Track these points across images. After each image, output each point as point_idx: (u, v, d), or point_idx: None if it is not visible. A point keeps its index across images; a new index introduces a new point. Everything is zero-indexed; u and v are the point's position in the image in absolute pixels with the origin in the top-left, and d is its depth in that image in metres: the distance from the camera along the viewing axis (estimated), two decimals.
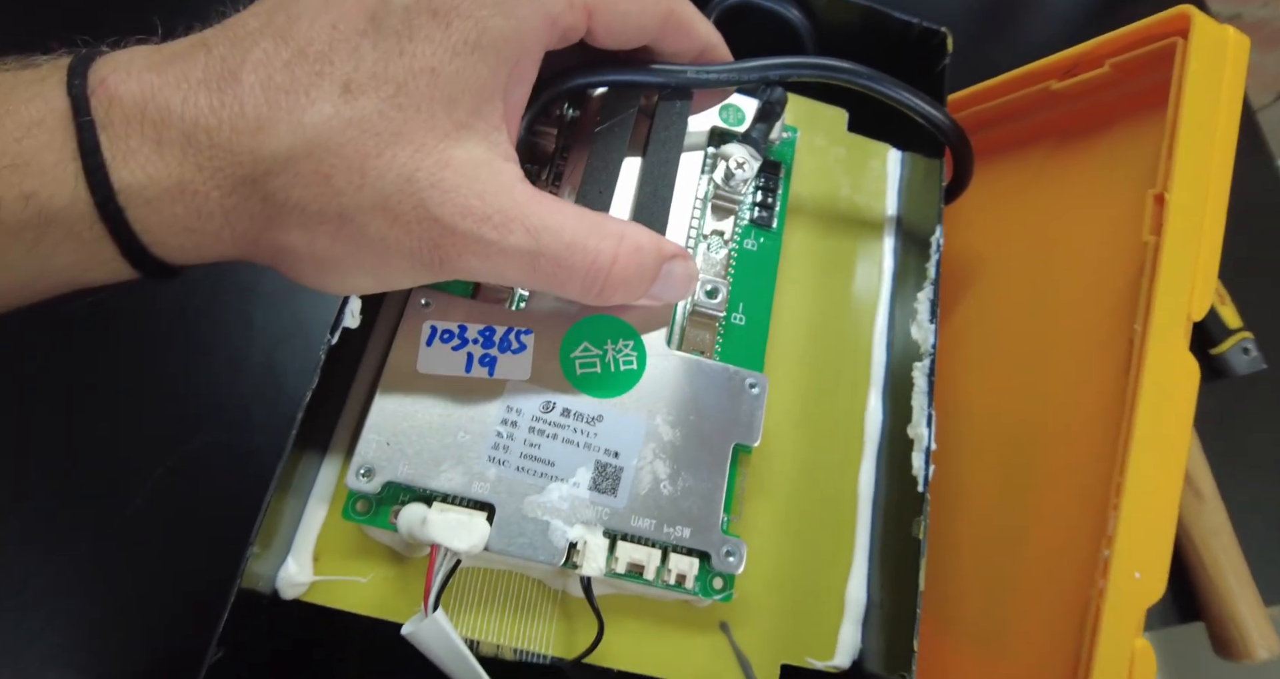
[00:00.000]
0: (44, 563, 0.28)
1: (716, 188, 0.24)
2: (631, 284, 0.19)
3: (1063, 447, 0.24)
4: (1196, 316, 0.21)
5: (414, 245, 0.17)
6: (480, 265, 0.17)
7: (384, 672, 0.24)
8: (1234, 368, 0.41)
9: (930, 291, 0.23)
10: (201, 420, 0.32)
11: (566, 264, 0.18)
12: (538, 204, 0.18)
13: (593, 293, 0.19)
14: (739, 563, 0.20)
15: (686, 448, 0.21)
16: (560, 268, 0.18)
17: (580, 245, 0.18)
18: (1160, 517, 0.20)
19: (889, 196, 0.28)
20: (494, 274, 0.18)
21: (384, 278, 0.18)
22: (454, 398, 0.20)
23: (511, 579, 0.21)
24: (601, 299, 0.19)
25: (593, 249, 0.18)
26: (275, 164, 0.16)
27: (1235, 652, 0.38)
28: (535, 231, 0.17)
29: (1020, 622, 0.24)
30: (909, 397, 0.23)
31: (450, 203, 0.17)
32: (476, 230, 0.17)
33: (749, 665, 0.21)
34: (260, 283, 0.34)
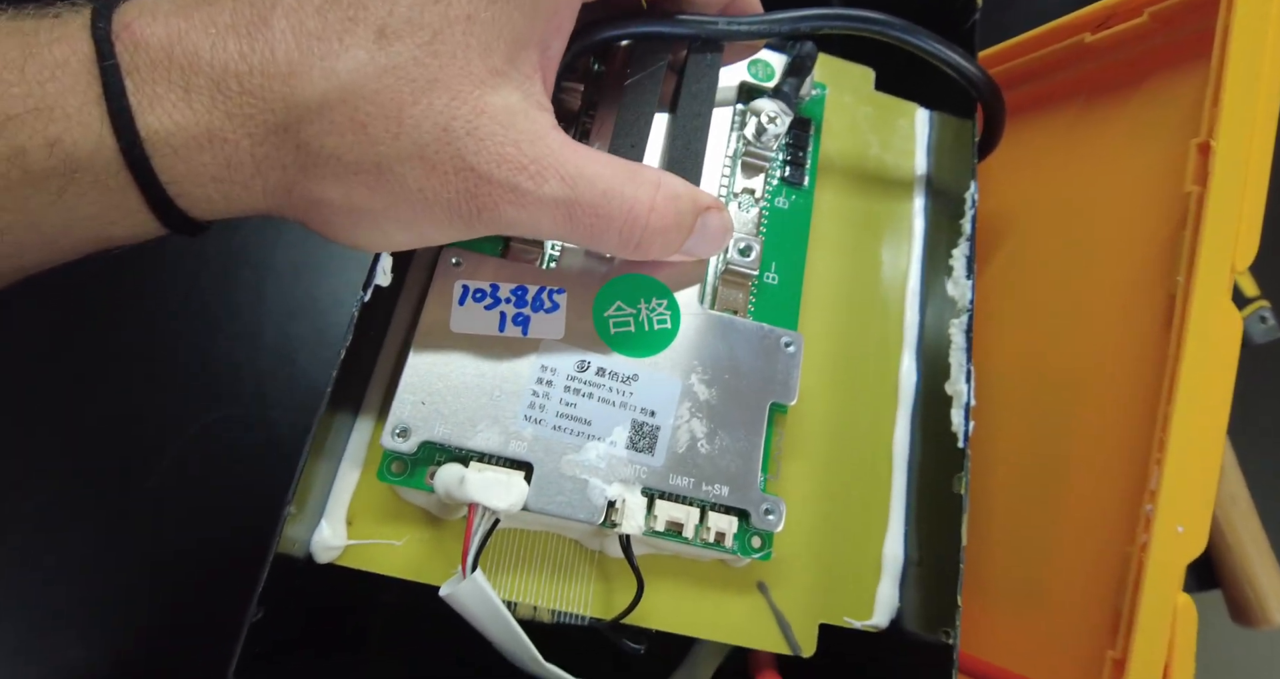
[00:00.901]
0: (64, 539, 0.28)
1: (747, 144, 0.24)
2: (669, 234, 0.18)
3: (1098, 402, 0.23)
4: (1240, 267, 0.20)
5: (451, 196, 0.16)
6: (516, 215, 0.17)
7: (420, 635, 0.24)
8: (1251, 337, 0.40)
9: (966, 248, 0.23)
10: (216, 396, 0.31)
11: (604, 213, 0.17)
12: (573, 152, 0.17)
13: (630, 244, 0.18)
14: (778, 521, 0.20)
15: (723, 407, 0.21)
16: (598, 217, 0.17)
17: (617, 193, 0.17)
18: (1203, 471, 0.20)
19: (918, 156, 0.27)
20: (530, 225, 0.17)
21: (420, 232, 0.18)
22: (488, 357, 0.20)
23: (548, 540, 0.21)
24: (639, 251, 0.18)
25: (629, 197, 0.18)
26: (308, 112, 0.16)
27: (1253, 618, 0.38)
28: (571, 179, 0.17)
29: (1055, 579, 0.24)
30: (944, 355, 0.23)
31: (486, 151, 0.16)
32: (512, 179, 0.16)
33: (787, 625, 0.21)
34: (272, 259, 0.34)
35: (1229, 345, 0.20)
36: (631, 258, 0.19)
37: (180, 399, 0.31)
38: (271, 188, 0.17)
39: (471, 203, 0.17)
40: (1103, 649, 0.21)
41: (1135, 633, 0.20)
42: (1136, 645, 0.20)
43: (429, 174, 0.16)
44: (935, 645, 0.20)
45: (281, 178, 0.16)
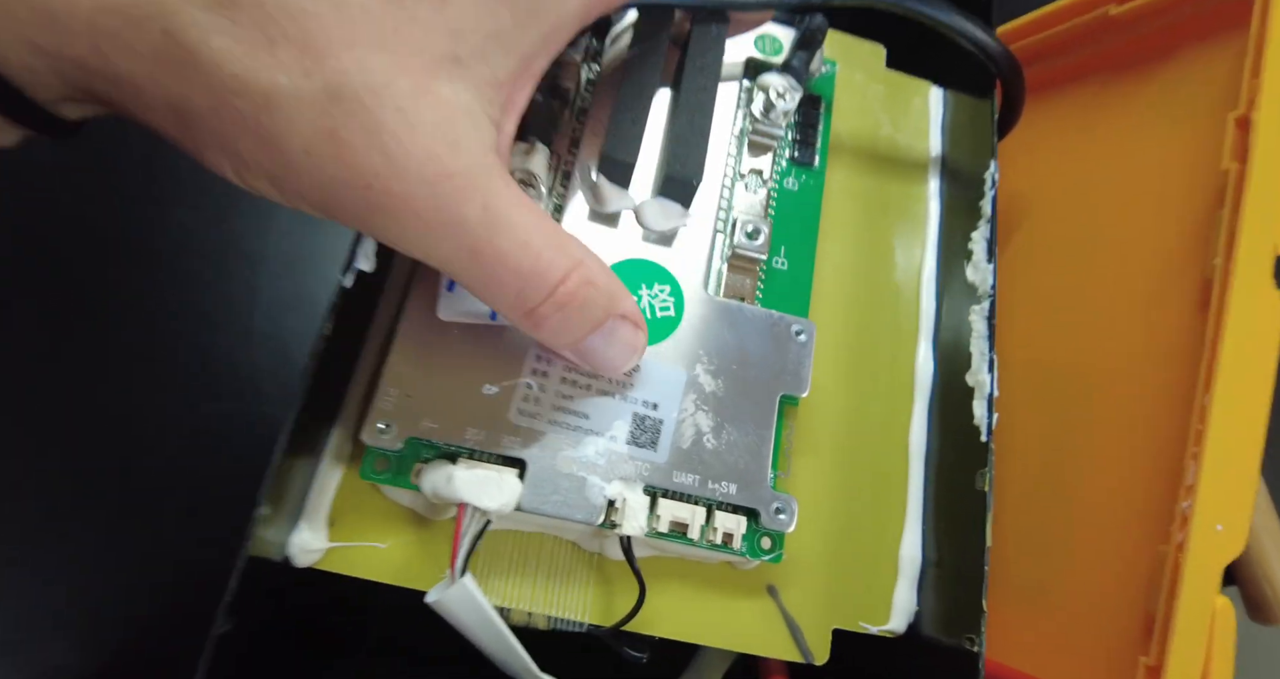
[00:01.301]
0: (59, 540, 0.27)
1: (754, 122, 0.22)
2: (570, 318, 0.16)
3: (1123, 393, 0.22)
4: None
5: (344, 175, 0.13)
6: (413, 228, 0.14)
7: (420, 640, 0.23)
8: None
9: (986, 230, 0.22)
10: (211, 392, 0.31)
11: (512, 263, 0.15)
12: (506, 187, 0.15)
13: (525, 307, 0.15)
14: (790, 520, 0.19)
15: (730, 399, 0.19)
16: (502, 266, 0.15)
17: (535, 250, 0.15)
18: (1243, 466, 0.19)
19: (932, 136, 0.26)
20: (421, 244, 0.14)
21: (281, 190, 0.14)
22: (478, 347, 0.18)
23: (543, 542, 0.19)
24: (531, 321, 0.16)
25: (546, 259, 0.15)
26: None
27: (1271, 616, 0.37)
28: (494, 213, 0.14)
29: (1076, 580, 0.23)
30: (963, 343, 0.21)
31: (414, 139, 0.13)
32: (430, 184, 0.14)
33: (799, 631, 0.20)
34: (266, 253, 0.33)
35: (1271, 330, 0.19)
36: (521, 327, 0.16)
37: (178, 397, 0.30)
38: (114, 78, 0.13)
39: (366, 193, 0.13)
40: (1134, 655, 0.20)
41: (1172, 637, 0.19)
42: (1174, 650, 0.19)
43: (328, 137, 0.13)
44: (957, 652, 0.18)
45: (132, 68, 0.13)
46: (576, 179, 0.21)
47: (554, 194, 0.21)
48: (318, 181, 0.14)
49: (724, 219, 0.22)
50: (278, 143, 0.13)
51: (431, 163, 0.14)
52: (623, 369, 0.18)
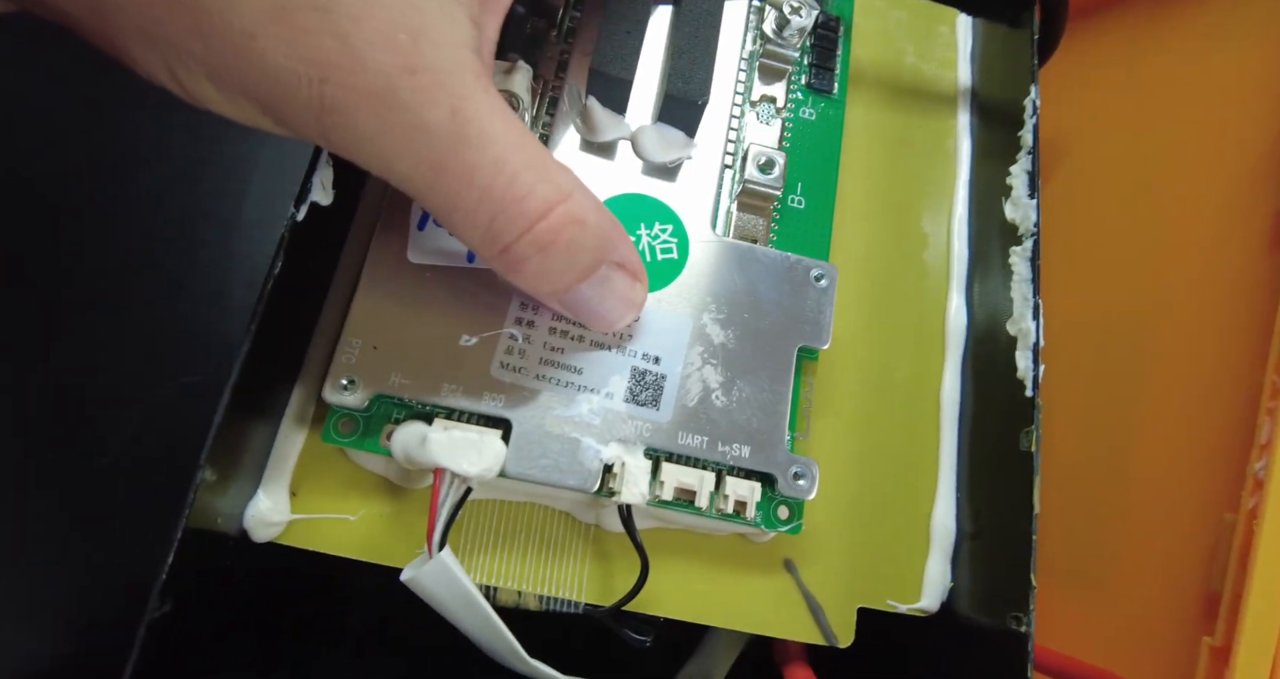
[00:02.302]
0: (14, 518, 0.26)
1: (766, 42, 0.20)
2: (553, 262, 0.14)
3: (1184, 344, 0.20)
4: None
5: (293, 64, 0.11)
6: (367, 131, 0.12)
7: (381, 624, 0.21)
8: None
9: (1027, 162, 0.19)
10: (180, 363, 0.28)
11: (482, 184, 0.12)
12: (482, 92, 0.12)
13: (499, 243, 0.13)
14: (810, 486, 0.16)
15: (742, 351, 0.17)
16: (472, 187, 0.12)
17: (511, 170, 0.13)
18: None
19: (961, 67, 0.24)
20: (378, 154, 0.12)
21: (221, 86, 0.12)
22: (454, 294, 0.16)
23: (533, 512, 0.17)
24: (506, 261, 0.13)
25: (525, 184, 0.13)
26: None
27: None
28: (463, 120, 0.12)
29: (1128, 553, 0.20)
30: (1000, 290, 0.19)
31: (370, 22, 0.11)
32: (389, 77, 0.12)
33: (820, 610, 0.18)
34: (241, 214, 0.31)
35: None
36: (496, 269, 0.14)
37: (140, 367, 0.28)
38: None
39: (316, 87, 0.12)
40: (1196, 635, 0.18)
41: (1243, 616, 0.17)
42: (1245, 630, 0.16)
43: (273, 18, 0.11)
44: (1000, 633, 0.16)
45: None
46: (564, 104, 0.18)
47: (540, 123, 0.18)
48: (263, 72, 0.12)
49: (733, 151, 0.19)
50: (216, 23, 0.11)
51: (392, 53, 0.12)
52: (617, 326, 0.16)
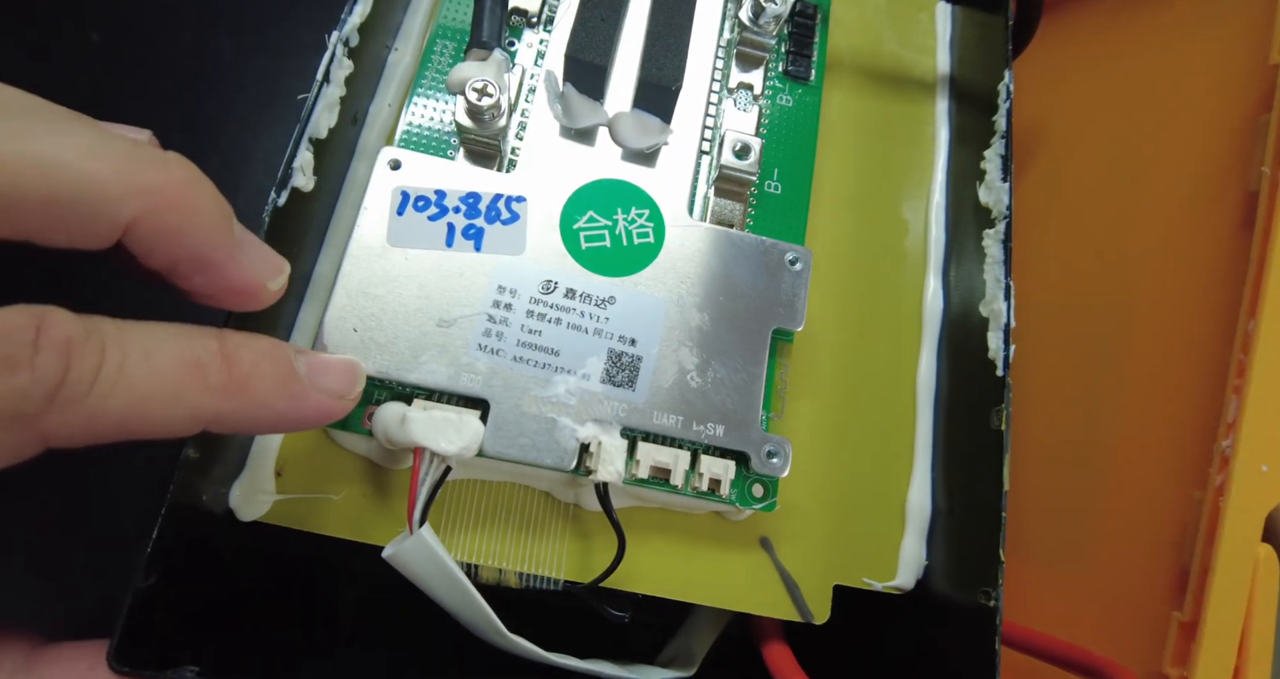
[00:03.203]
0: (7, 513, 0.26)
1: (743, 30, 0.20)
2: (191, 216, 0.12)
3: (1156, 323, 0.20)
4: None
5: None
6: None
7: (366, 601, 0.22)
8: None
9: (1001, 146, 0.20)
10: None
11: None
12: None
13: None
14: (784, 464, 0.17)
15: (717, 333, 0.17)
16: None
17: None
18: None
19: (940, 54, 0.24)
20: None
21: None
22: (434, 277, 0.17)
23: (513, 492, 0.18)
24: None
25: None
26: None
27: None
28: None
29: (1103, 531, 0.21)
30: (975, 273, 0.19)
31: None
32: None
33: (796, 587, 0.18)
34: (236, 205, 0.31)
35: None
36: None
37: None
38: None
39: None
40: (1166, 611, 0.18)
41: (1209, 591, 0.17)
42: (1211, 604, 0.17)
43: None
44: (971, 608, 0.17)
45: None
46: (542, 92, 0.19)
47: (519, 111, 0.19)
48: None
49: (710, 138, 0.20)
50: None
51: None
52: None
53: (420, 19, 0.21)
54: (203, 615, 0.16)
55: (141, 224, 0.12)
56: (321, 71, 0.17)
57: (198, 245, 0.12)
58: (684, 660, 0.20)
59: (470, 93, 0.17)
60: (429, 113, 0.19)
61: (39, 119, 0.11)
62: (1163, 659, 0.18)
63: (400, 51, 0.20)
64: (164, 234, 0.12)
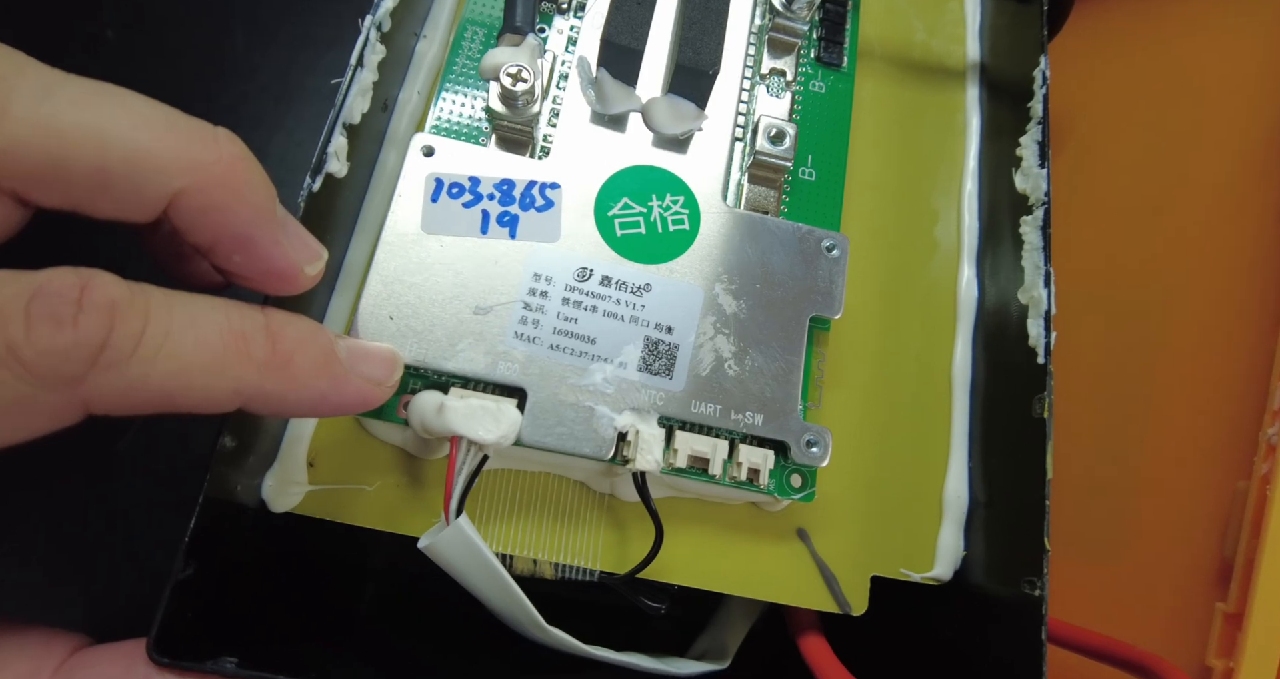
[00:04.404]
0: (34, 505, 0.26)
1: (774, 16, 0.20)
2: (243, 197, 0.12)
3: (1195, 313, 0.20)
4: None
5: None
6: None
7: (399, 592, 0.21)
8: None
9: (1038, 132, 0.19)
10: None
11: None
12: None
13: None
14: (823, 454, 0.17)
15: (754, 321, 0.17)
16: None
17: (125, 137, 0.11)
18: None
19: (969, 41, 0.24)
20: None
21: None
22: (469, 264, 0.16)
23: (548, 482, 0.17)
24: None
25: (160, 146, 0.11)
26: None
27: None
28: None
29: (1143, 522, 0.20)
30: (1010, 260, 0.19)
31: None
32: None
33: (834, 578, 0.18)
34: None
35: None
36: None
37: None
38: None
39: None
40: (1209, 602, 0.18)
41: (1256, 580, 0.17)
42: (1258, 594, 0.17)
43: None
44: (1012, 600, 0.16)
45: None
46: (575, 78, 0.18)
47: (550, 97, 0.18)
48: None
49: (744, 124, 0.19)
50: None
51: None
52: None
53: (448, 7, 0.21)
54: (236, 606, 0.16)
55: (188, 198, 0.12)
56: (356, 55, 0.17)
57: (241, 224, 0.12)
58: (717, 653, 0.20)
59: (505, 78, 0.17)
60: (459, 101, 0.18)
61: (94, 91, 0.11)
62: (1206, 651, 0.17)
63: (429, 39, 0.20)
64: (209, 210, 0.12)
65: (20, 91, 0.11)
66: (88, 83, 0.11)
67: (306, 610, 0.20)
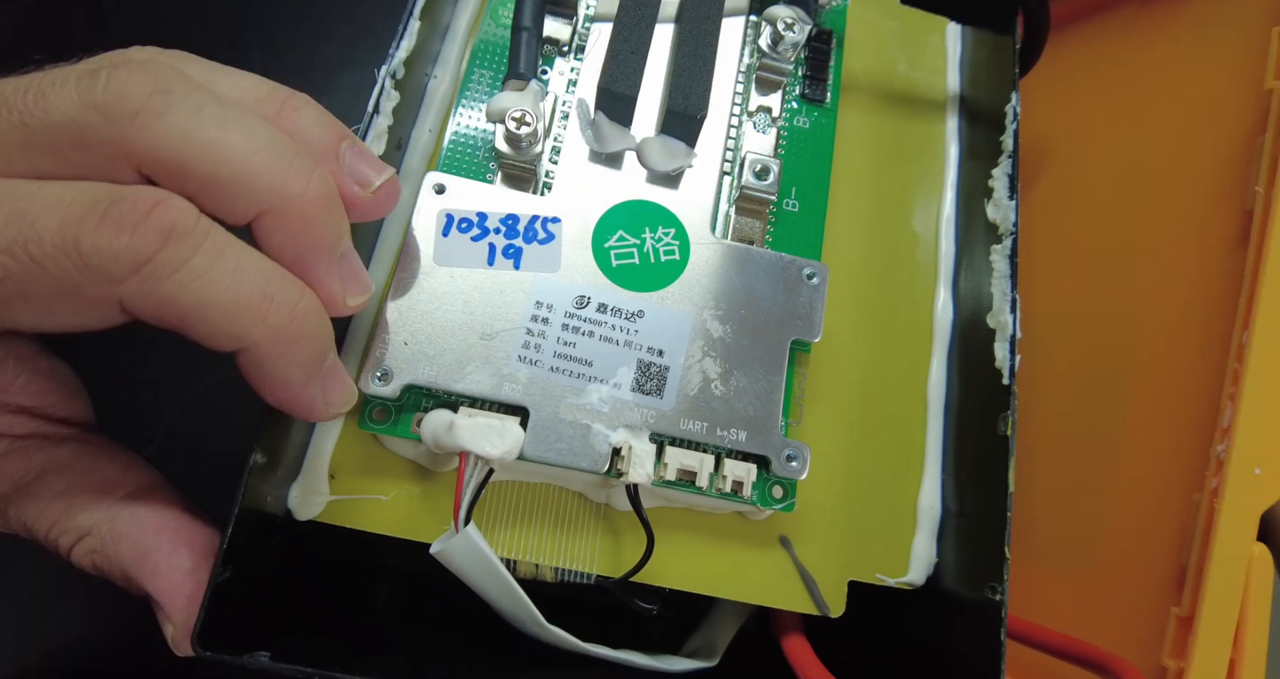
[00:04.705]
0: None
1: (761, 56, 0.21)
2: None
3: (1160, 336, 0.21)
4: None
5: None
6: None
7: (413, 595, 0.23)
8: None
9: (1008, 165, 0.21)
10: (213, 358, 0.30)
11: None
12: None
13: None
14: (802, 467, 0.18)
15: (739, 345, 0.19)
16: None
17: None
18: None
19: (950, 74, 0.25)
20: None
21: None
22: (477, 294, 0.18)
23: (549, 493, 0.19)
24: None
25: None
26: None
27: None
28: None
29: (1108, 532, 0.22)
30: (984, 286, 0.20)
31: None
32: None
33: (813, 583, 0.19)
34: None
35: None
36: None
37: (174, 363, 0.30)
38: None
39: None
40: (1165, 606, 0.19)
41: (1205, 587, 0.18)
42: (1207, 600, 0.18)
43: None
44: (978, 604, 0.18)
45: None
46: (574, 118, 0.20)
47: (552, 136, 0.20)
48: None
49: (731, 159, 0.21)
50: None
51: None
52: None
53: (457, 46, 0.22)
54: (266, 606, 0.17)
55: (268, 217, 0.14)
56: (372, 104, 0.18)
57: (302, 250, 0.14)
58: (707, 652, 0.21)
59: (509, 122, 0.18)
60: (468, 138, 0.20)
61: (232, 117, 0.13)
62: (1161, 652, 0.19)
63: (439, 79, 0.22)
64: (280, 232, 0.14)
65: (177, 106, 0.13)
66: (232, 110, 0.14)
67: (328, 609, 0.21)
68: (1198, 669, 0.18)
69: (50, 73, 0.13)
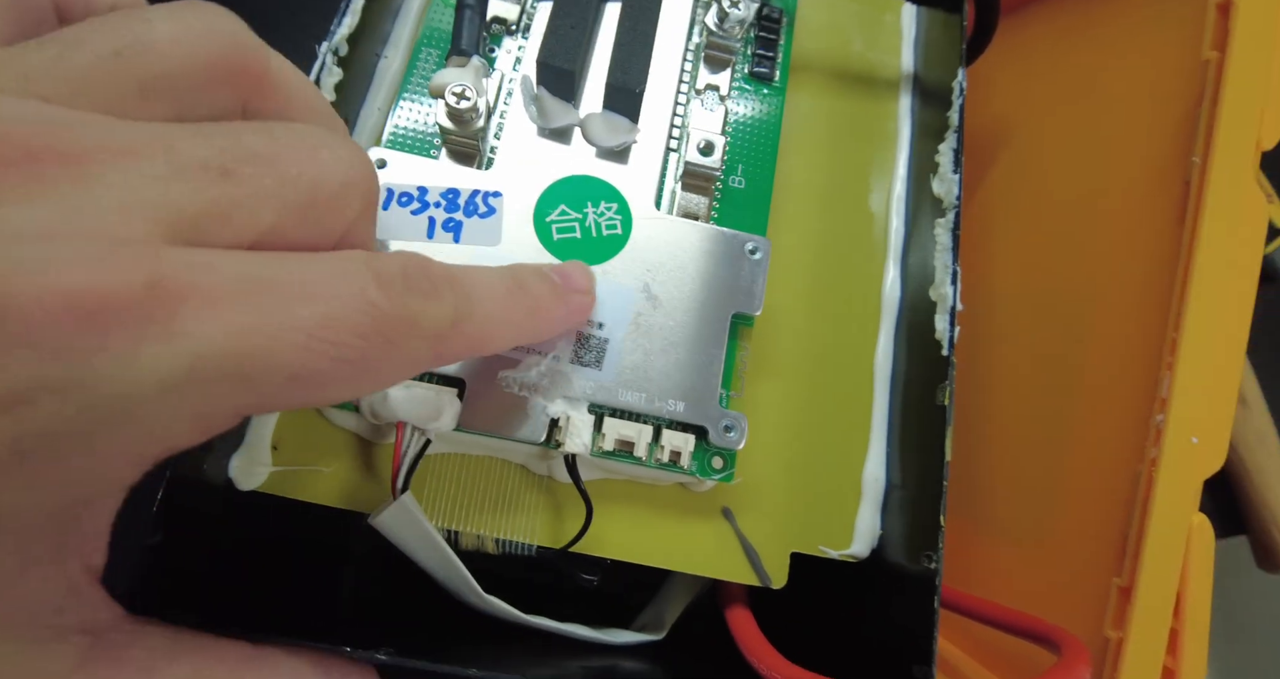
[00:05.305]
0: None
1: (710, 34, 0.21)
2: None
3: (1110, 310, 0.21)
4: (1267, 145, 0.18)
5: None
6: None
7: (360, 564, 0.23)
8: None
9: (953, 140, 0.21)
10: None
11: None
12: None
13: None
14: (740, 438, 0.18)
15: (679, 318, 0.19)
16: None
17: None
18: (1221, 375, 0.18)
19: (905, 54, 0.25)
20: None
21: None
22: None
23: (491, 465, 0.19)
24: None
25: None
26: None
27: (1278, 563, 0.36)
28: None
29: (1062, 508, 0.22)
30: (929, 260, 0.20)
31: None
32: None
33: (755, 554, 0.19)
34: None
35: (1252, 232, 0.18)
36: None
37: None
38: None
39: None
40: (1110, 578, 0.19)
41: (1143, 556, 0.18)
42: (1145, 569, 0.18)
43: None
44: (920, 575, 0.18)
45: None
46: (518, 95, 0.20)
47: (498, 113, 0.20)
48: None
49: (678, 136, 0.21)
50: None
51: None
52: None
53: (408, 28, 0.22)
54: (204, 574, 0.18)
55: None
56: (312, 78, 0.18)
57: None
58: (654, 626, 0.21)
59: (450, 96, 0.18)
60: (415, 116, 0.20)
61: (329, 131, 0.13)
62: (1104, 622, 0.19)
63: (389, 59, 0.22)
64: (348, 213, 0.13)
65: (295, 146, 0.12)
66: (347, 144, 0.13)
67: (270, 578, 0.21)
68: (1136, 639, 0.18)
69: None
